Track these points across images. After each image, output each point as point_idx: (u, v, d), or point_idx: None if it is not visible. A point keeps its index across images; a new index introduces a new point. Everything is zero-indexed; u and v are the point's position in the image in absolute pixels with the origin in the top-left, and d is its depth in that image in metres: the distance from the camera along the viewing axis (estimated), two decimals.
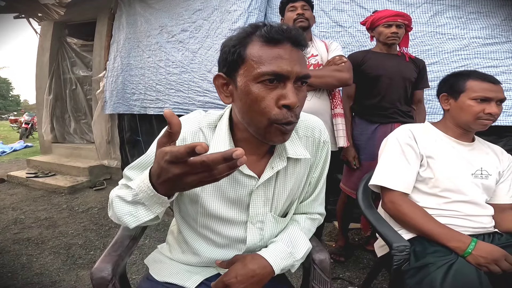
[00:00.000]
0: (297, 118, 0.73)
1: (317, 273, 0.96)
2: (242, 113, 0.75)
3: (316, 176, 0.96)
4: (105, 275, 0.88)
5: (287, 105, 0.69)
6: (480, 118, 1.22)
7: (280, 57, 0.69)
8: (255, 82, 0.70)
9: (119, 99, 4.03)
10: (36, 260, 2.27)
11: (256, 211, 0.88)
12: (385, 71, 1.94)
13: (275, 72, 0.68)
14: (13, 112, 32.62)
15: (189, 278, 0.91)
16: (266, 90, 0.70)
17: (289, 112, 0.70)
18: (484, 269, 1.03)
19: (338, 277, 2.01)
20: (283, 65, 0.68)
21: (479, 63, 2.55)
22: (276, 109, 0.70)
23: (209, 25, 3.24)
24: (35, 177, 4.21)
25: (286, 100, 0.69)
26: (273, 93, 0.70)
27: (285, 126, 0.71)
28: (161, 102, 3.66)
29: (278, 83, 0.70)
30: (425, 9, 2.68)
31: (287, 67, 0.68)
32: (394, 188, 1.27)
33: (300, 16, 1.86)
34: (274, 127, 0.71)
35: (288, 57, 0.69)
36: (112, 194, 0.80)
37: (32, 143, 8.99)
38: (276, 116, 0.70)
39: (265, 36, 0.70)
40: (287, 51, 0.70)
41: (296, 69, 0.69)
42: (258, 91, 0.69)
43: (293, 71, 0.69)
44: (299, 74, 0.70)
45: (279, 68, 0.68)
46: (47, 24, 4.79)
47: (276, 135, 0.72)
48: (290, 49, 0.70)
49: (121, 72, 3.99)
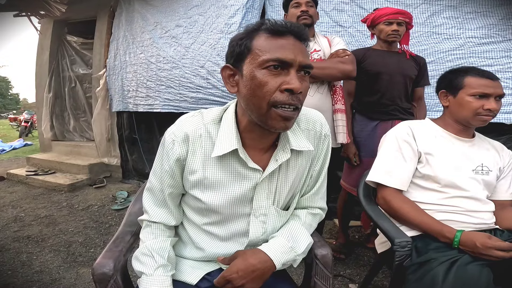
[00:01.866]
0: (300, 103, 0.76)
1: (319, 269, 0.96)
2: (246, 99, 0.77)
3: (317, 169, 0.97)
4: (107, 271, 0.88)
5: (290, 89, 0.72)
6: (479, 114, 1.22)
7: (284, 47, 0.73)
8: (260, 68, 0.73)
9: (119, 96, 4.03)
10: (36, 258, 2.27)
11: (259, 204, 0.88)
12: (385, 68, 1.94)
13: (279, 59, 0.72)
14: (13, 110, 32.55)
15: (191, 273, 0.92)
16: (270, 75, 0.73)
17: (290, 96, 0.73)
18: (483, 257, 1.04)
19: (338, 274, 2.01)
20: (287, 53, 0.72)
21: (474, 62, 2.55)
22: (277, 92, 0.73)
23: (205, 20, 3.23)
24: (35, 175, 4.20)
25: (290, 85, 0.72)
26: (277, 79, 0.73)
27: (285, 110, 0.74)
28: (151, 99, 3.63)
29: (282, 70, 0.73)
30: (422, 10, 2.69)
31: (291, 55, 0.72)
32: (387, 184, 1.28)
33: (304, 13, 1.85)
34: (273, 112, 0.74)
35: (291, 47, 0.73)
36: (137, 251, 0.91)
37: (32, 141, 8.97)
38: (276, 99, 0.73)
39: (270, 29, 0.75)
40: (291, 42, 0.74)
41: (299, 58, 0.73)
42: (262, 76, 0.73)
43: (296, 59, 0.73)
44: (302, 63, 0.74)
45: (283, 55, 0.72)
46: (47, 22, 4.77)
47: (277, 120, 0.75)
48: (293, 40, 0.75)
49: (120, 70, 3.98)
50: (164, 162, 0.87)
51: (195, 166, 0.85)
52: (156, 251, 0.87)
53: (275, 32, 0.74)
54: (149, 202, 0.93)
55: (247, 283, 0.81)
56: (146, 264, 0.85)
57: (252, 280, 0.82)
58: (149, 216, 0.91)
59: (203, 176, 0.85)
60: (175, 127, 0.87)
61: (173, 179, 0.88)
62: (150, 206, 0.92)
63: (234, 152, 0.82)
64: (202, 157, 0.84)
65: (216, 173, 0.84)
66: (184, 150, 0.84)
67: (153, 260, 0.85)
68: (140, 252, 0.88)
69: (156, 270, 0.84)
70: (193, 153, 0.84)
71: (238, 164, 0.84)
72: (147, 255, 0.86)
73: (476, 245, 1.04)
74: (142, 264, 0.86)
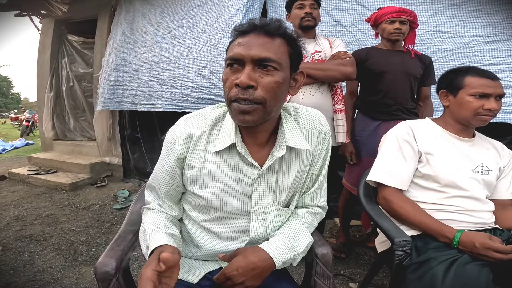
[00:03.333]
0: (256, 98, 0.75)
1: (320, 267, 0.97)
2: None
3: (318, 168, 0.98)
4: (109, 270, 0.88)
5: (237, 83, 0.75)
6: (480, 114, 1.23)
7: (240, 45, 0.77)
8: (225, 67, 0.81)
9: (110, 95, 3.99)
10: (38, 257, 2.28)
11: (258, 202, 0.89)
12: (388, 68, 1.93)
13: (231, 57, 0.78)
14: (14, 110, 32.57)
15: (192, 272, 0.93)
16: (229, 73, 0.79)
17: (241, 90, 0.75)
18: (482, 257, 1.04)
19: (339, 274, 2.02)
20: (238, 50, 0.77)
21: (479, 61, 2.55)
22: (233, 88, 0.77)
23: (206, 20, 3.24)
24: (36, 174, 4.21)
25: (236, 80, 0.76)
26: (233, 76, 0.78)
27: (239, 104, 0.76)
28: (153, 98, 3.64)
29: (238, 67, 0.78)
30: (424, 8, 2.69)
31: (242, 51, 0.76)
32: (388, 184, 1.29)
33: (308, 15, 1.85)
34: (232, 106, 0.78)
35: (246, 43, 0.77)
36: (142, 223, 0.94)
37: (33, 141, 8.99)
38: (231, 94, 0.77)
39: (236, 31, 0.81)
40: (249, 39, 0.78)
41: (251, 53, 0.75)
42: (225, 75, 0.80)
43: (247, 55, 0.75)
44: (254, 57, 0.75)
45: (234, 53, 0.77)
46: (48, 21, 4.78)
47: (236, 114, 0.78)
48: (254, 37, 0.78)
49: (115, 68, 3.96)
50: (164, 161, 0.89)
51: (194, 161, 0.87)
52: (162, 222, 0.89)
53: (240, 32, 0.80)
54: (151, 197, 0.98)
55: (246, 280, 0.82)
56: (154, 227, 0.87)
57: (252, 278, 0.82)
58: (151, 206, 0.96)
59: (202, 172, 0.86)
60: (176, 127, 0.89)
61: (172, 177, 0.90)
62: (152, 200, 0.97)
63: (234, 147, 0.84)
64: (202, 153, 0.86)
65: (215, 167, 0.86)
66: (185, 149, 0.86)
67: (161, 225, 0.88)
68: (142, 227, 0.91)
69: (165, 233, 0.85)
70: (193, 150, 0.86)
71: (238, 159, 0.86)
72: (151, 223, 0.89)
73: (475, 245, 1.05)
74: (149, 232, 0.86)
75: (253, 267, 0.82)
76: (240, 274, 0.81)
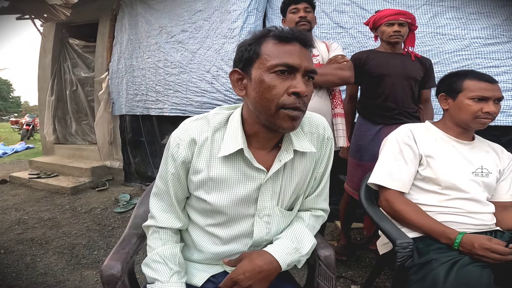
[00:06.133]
0: (305, 106, 0.80)
1: (322, 269, 0.98)
2: (255, 102, 0.80)
3: (321, 171, 0.99)
4: (115, 273, 0.89)
5: (297, 92, 0.76)
6: (479, 117, 1.24)
7: (291, 52, 0.77)
8: (268, 72, 0.77)
9: (124, 100, 4.06)
10: (40, 260, 2.29)
11: (263, 205, 0.90)
12: (388, 71, 1.93)
13: (287, 64, 0.76)
14: (14, 113, 32.61)
15: (195, 276, 0.94)
16: (278, 79, 0.77)
17: (297, 99, 0.77)
18: (481, 258, 1.05)
19: (340, 276, 2.02)
20: (293, 58, 0.77)
21: (481, 63, 2.56)
22: (285, 95, 0.77)
23: (209, 26, 3.26)
24: (37, 178, 4.22)
25: (296, 88, 0.76)
26: (284, 83, 0.77)
27: (292, 111, 0.77)
28: (161, 103, 3.68)
29: (289, 74, 0.78)
30: (424, 11, 2.70)
31: (297, 60, 0.77)
32: (389, 186, 1.30)
33: (303, 19, 1.84)
34: (282, 112, 0.77)
35: (297, 53, 0.78)
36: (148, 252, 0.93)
37: (34, 145, 9.00)
38: (284, 101, 0.77)
39: (278, 36, 0.79)
40: (297, 48, 0.79)
41: (304, 63, 0.78)
42: (271, 80, 0.77)
43: (302, 65, 0.77)
44: (307, 68, 0.78)
45: (291, 60, 0.76)
46: (49, 25, 4.79)
47: (285, 120, 0.78)
48: (300, 47, 0.79)
49: (125, 74, 4.01)
50: (169, 165, 0.88)
51: (199, 166, 0.86)
52: (168, 258, 0.88)
53: (282, 38, 0.78)
54: (156, 207, 0.94)
55: (254, 284, 0.82)
56: (160, 271, 0.86)
57: (259, 281, 0.83)
58: (156, 222, 0.92)
59: (208, 177, 0.86)
60: (179, 131, 0.89)
61: (178, 181, 0.89)
62: (157, 211, 0.93)
63: (240, 152, 0.84)
64: (207, 158, 0.86)
65: (221, 173, 0.86)
66: (190, 153, 0.86)
67: (167, 268, 0.86)
68: (151, 259, 0.89)
69: (171, 277, 0.85)
70: (198, 155, 0.86)
71: (243, 164, 0.86)
72: (159, 263, 0.88)
73: (474, 246, 1.06)
74: (155, 271, 0.86)
75: (260, 270, 0.83)
76: (247, 278, 0.82)
